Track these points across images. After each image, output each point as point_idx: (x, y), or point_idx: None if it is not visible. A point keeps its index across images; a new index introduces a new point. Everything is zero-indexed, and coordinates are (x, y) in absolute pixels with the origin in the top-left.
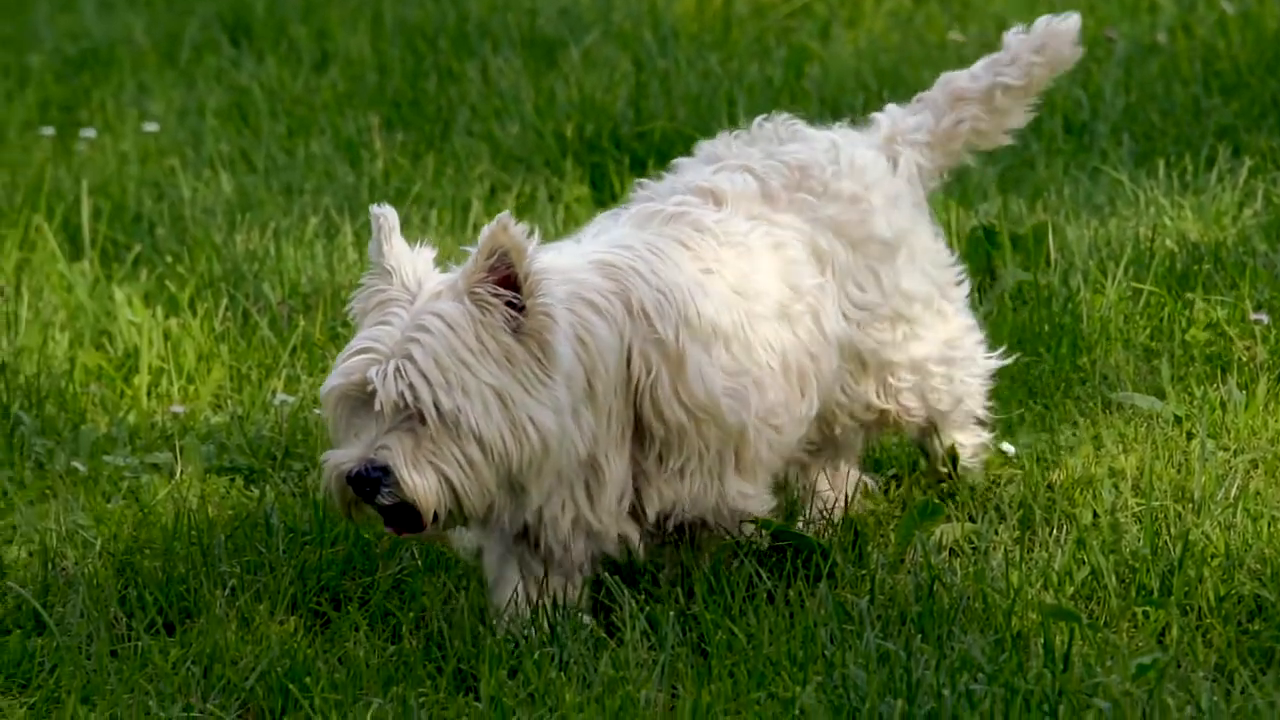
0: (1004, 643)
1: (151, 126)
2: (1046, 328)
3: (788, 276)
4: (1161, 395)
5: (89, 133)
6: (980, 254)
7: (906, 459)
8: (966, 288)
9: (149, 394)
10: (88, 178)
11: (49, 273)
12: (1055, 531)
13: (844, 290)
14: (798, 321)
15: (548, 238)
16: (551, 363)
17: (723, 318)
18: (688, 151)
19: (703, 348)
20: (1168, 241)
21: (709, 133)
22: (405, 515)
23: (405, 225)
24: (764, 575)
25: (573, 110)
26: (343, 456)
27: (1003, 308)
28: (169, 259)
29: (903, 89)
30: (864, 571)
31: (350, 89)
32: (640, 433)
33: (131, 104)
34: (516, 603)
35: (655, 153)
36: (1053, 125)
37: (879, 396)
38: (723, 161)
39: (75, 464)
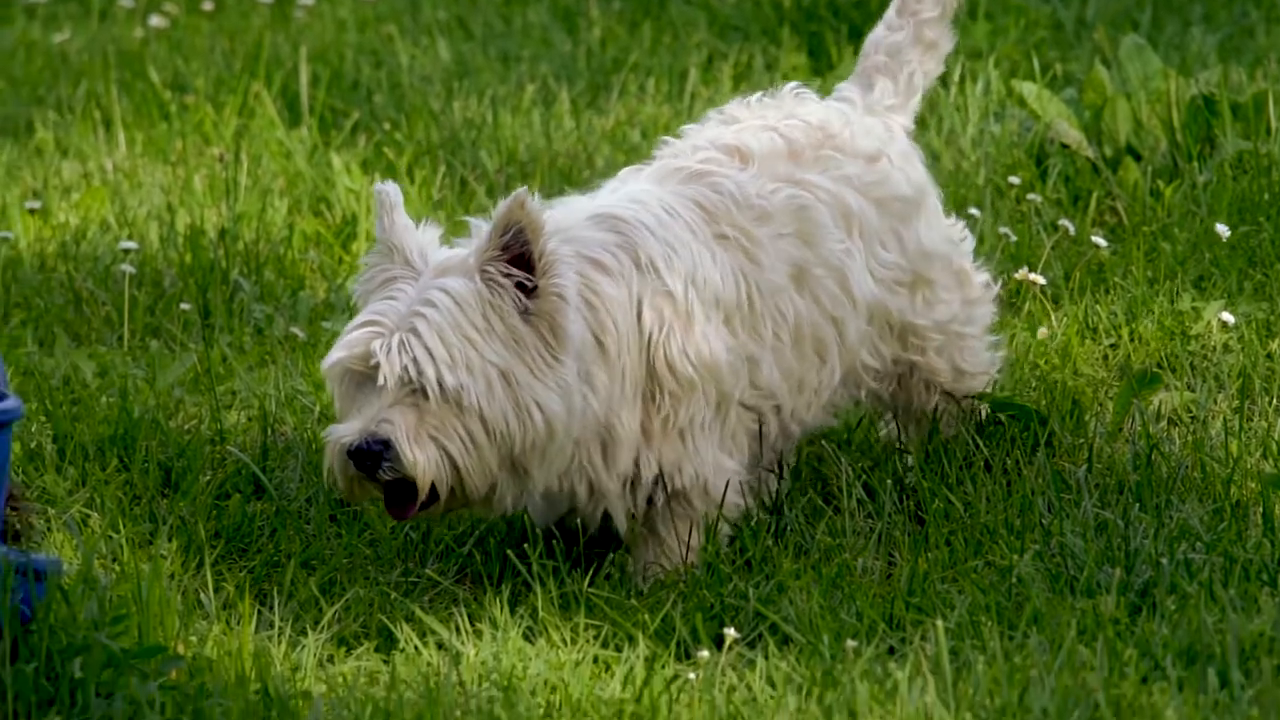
0: (1222, 512)
1: None
2: (1266, 197)
3: (810, 239)
4: None
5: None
6: (1200, 123)
7: None
8: (972, 242)
9: None
10: (306, 45)
11: (268, 140)
12: (1275, 400)
13: (871, 251)
14: (819, 285)
15: None
16: (561, 344)
17: (727, 290)
18: None
19: (706, 313)
20: None
21: None
22: (406, 493)
23: (622, 94)
24: (981, 444)
25: None
26: (344, 430)
27: (1222, 177)
28: (387, 126)
29: None
30: (1082, 440)
31: None
32: (650, 390)
33: None
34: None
35: (873, 21)
36: None
37: (906, 351)
38: (743, 123)
39: (294, 330)
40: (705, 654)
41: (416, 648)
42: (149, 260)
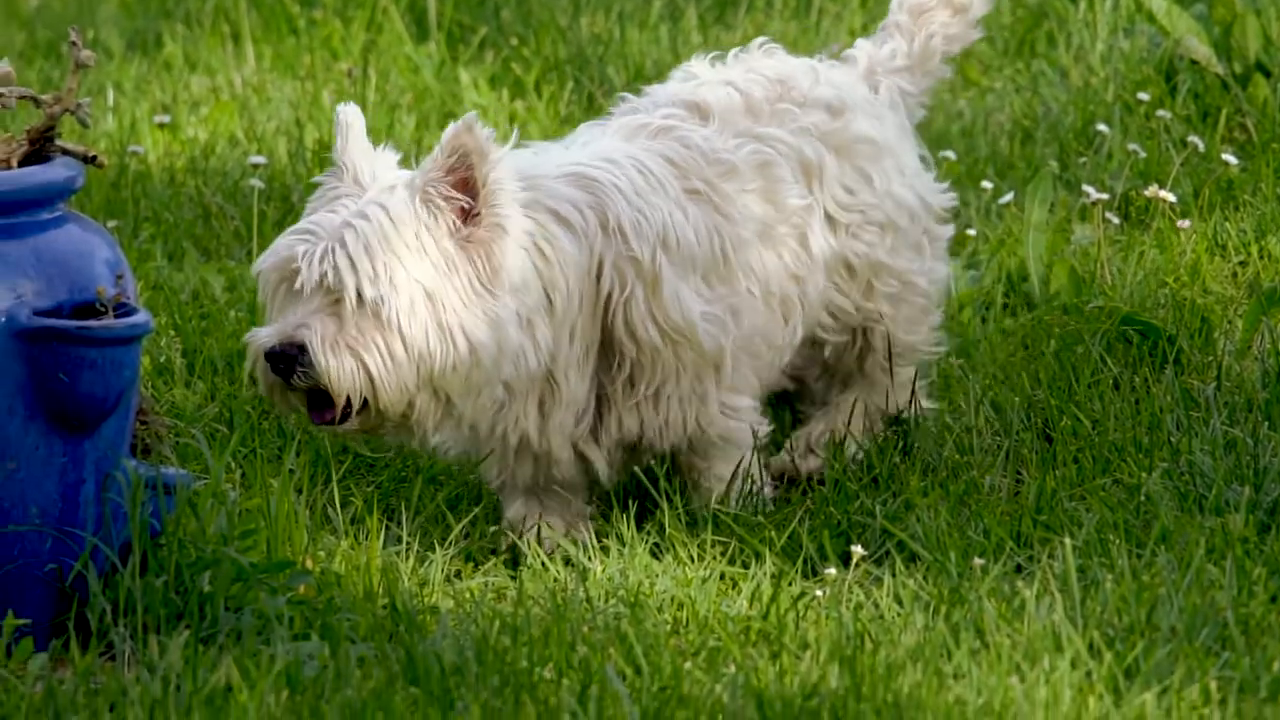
0: None
1: None
2: None
3: (773, 196)
4: None
5: None
6: None
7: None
8: (951, 230)
9: None
10: None
11: (396, 55)
12: None
13: (833, 197)
14: (782, 244)
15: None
16: (496, 276)
17: (702, 246)
18: None
19: (679, 274)
20: None
21: None
22: (326, 402)
23: (749, 9)
24: (1109, 361)
25: None
26: (264, 334)
27: None
28: (514, 41)
29: None
30: (1210, 358)
31: None
32: (609, 354)
33: None
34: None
35: None
36: None
37: (864, 298)
38: (702, 79)
39: None
40: (832, 571)
41: (544, 564)
42: (277, 175)
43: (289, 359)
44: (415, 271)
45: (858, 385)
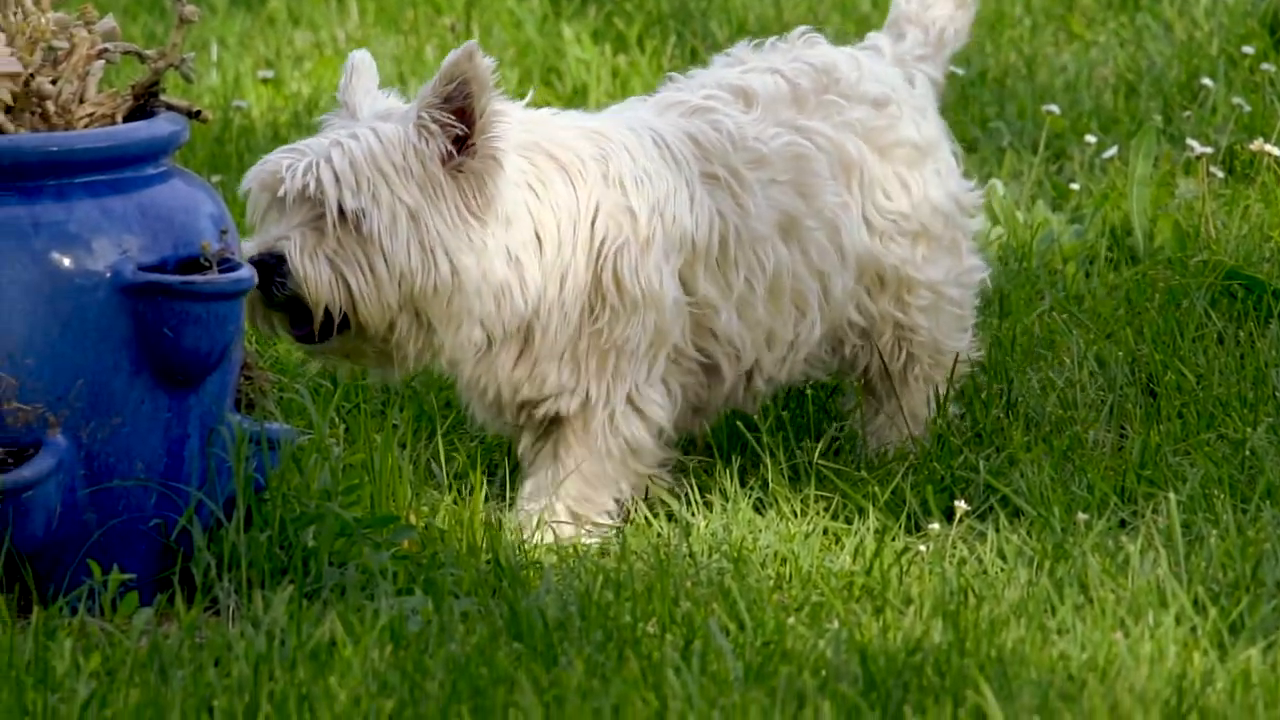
0: None
1: None
2: None
3: (804, 190)
4: None
5: None
6: None
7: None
8: (980, 223)
9: None
10: None
11: (499, 9)
12: None
13: (871, 200)
14: (809, 238)
15: None
16: (485, 205)
17: (700, 232)
18: None
19: (666, 251)
20: None
21: None
22: (307, 318)
23: None
24: (1214, 316)
25: None
26: (245, 246)
27: None
28: None
29: None
30: None
31: None
32: (592, 304)
33: None
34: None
35: None
36: None
37: (896, 308)
38: (748, 64)
39: None
40: (935, 526)
41: (647, 519)
42: None
43: (268, 268)
44: (400, 190)
45: (899, 394)
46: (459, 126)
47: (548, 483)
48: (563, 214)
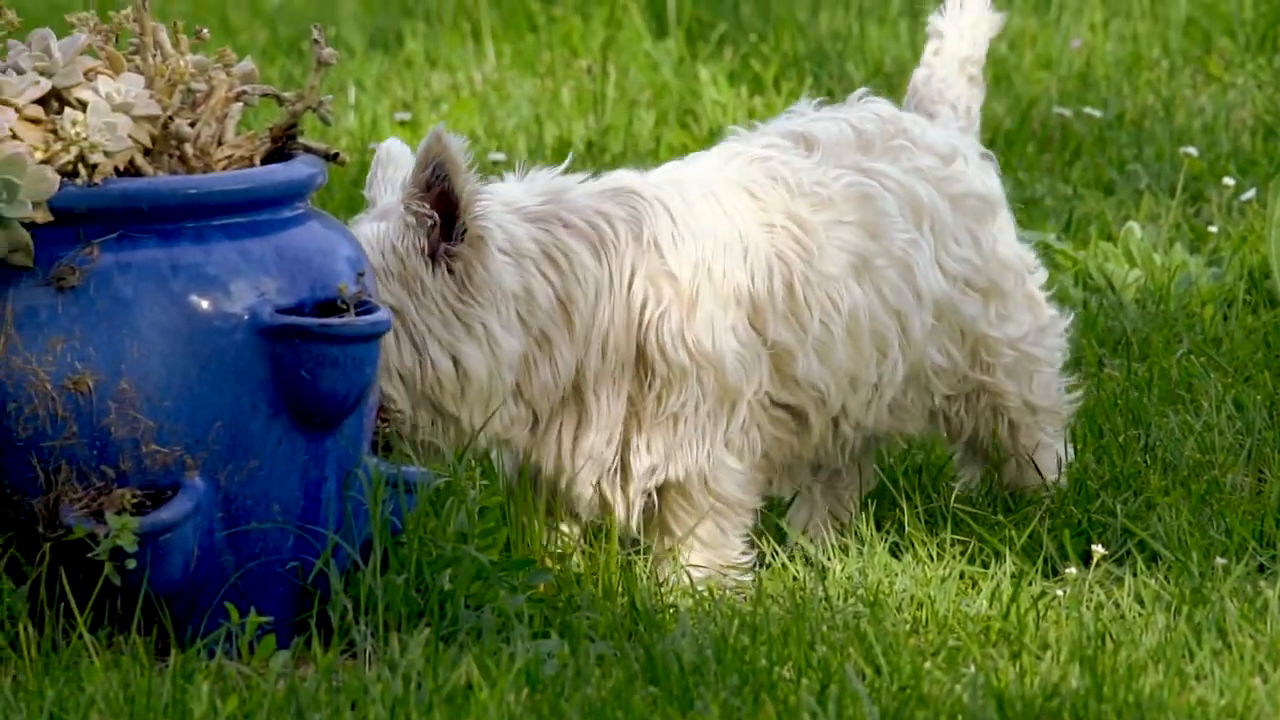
0: None
1: None
2: None
3: (874, 230)
4: None
5: None
6: None
7: None
8: (1044, 274)
9: None
10: None
11: (634, 51)
12: None
13: (943, 246)
14: (880, 277)
15: None
16: (478, 288)
17: (759, 284)
18: None
19: (720, 306)
20: None
21: None
22: None
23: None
24: None
25: None
26: None
27: None
28: (753, 38)
29: None
30: None
31: None
32: (642, 370)
33: None
34: None
35: None
36: None
37: (974, 369)
38: (813, 117)
39: None
40: (1072, 571)
41: (783, 563)
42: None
43: None
44: (382, 292)
45: (1018, 456)
46: (433, 215)
47: (664, 551)
48: (590, 285)
